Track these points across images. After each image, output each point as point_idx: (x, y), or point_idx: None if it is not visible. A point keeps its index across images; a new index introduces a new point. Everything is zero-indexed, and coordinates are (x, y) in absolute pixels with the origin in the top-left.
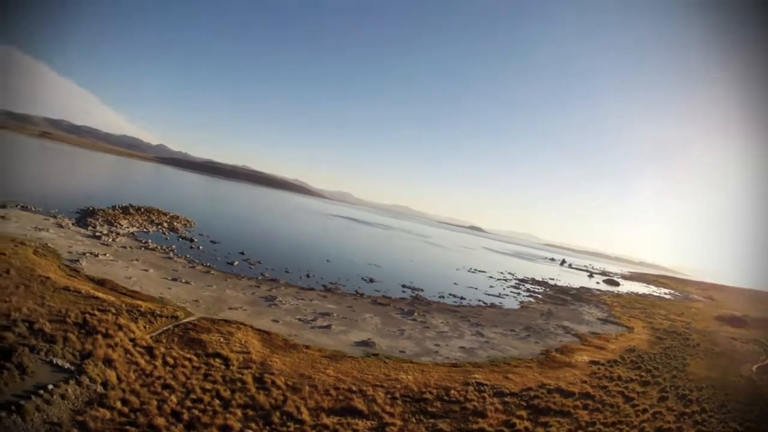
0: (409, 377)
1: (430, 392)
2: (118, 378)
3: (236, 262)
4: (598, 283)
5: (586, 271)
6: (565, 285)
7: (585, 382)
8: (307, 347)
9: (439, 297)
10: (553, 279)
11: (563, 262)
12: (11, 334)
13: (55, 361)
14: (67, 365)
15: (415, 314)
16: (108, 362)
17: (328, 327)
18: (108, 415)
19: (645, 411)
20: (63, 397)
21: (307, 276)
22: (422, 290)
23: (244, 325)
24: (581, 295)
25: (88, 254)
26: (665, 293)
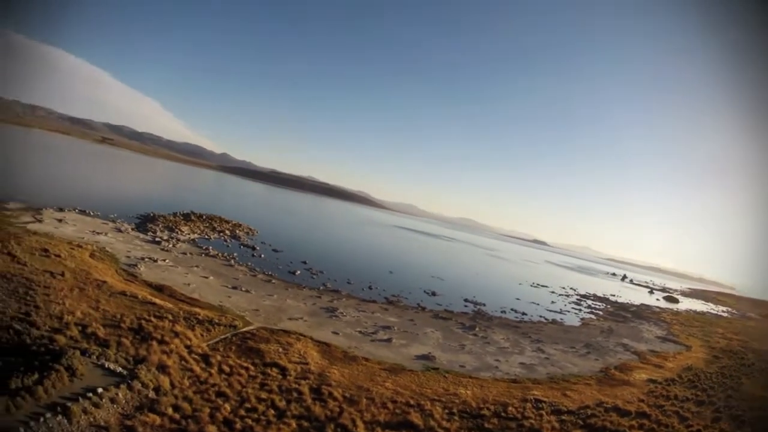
0: (467, 392)
1: (488, 408)
2: (172, 384)
3: (298, 272)
4: (658, 299)
5: (647, 287)
6: (625, 302)
7: (642, 400)
8: (367, 360)
9: (501, 312)
10: (614, 295)
11: (624, 277)
12: (63, 337)
13: (106, 365)
14: (119, 369)
15: (477, 329)
16: (162, 368)
17: (389, 340)
18: (158, 420)
19: None
20: (113, 401)
21: (369, 288)
22: (484, 305)
23: (304, 336)
24: (641, 312)
25: (146, 259)
26: (723, 311)
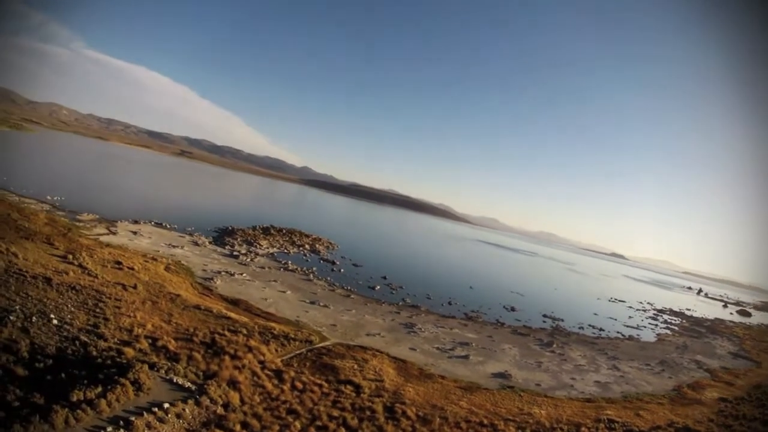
0: (542, 412)
1: (561, 428)
2: (242, 400)
3: (378, 287)
4: (731, 314)
5: (722, 300)
6: (700, 316)
7: (712, 420)
8: (443, 377)
9: (579, 328)
10: (689, 309)
11: (700, 291)
12: (131, 350)
13: (175, 380)
14: (188, 384)
15: (554, 346)
16: (232, 384)
17: (466, 357)
18: None
19: None
20: (179, 416)
21: (449, 303)
22: (562, 320)
23: (380, 352)
24: (715, 327)
25: (223, 273)
26: None
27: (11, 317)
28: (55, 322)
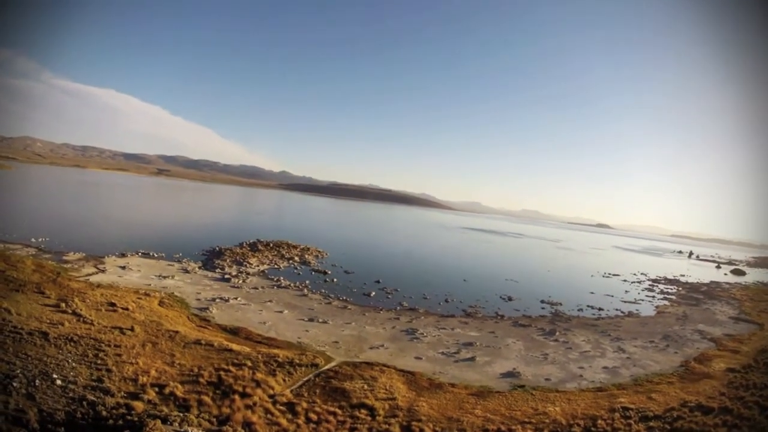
0: (556, 408)
1: (578, 424)
2: None
3: (373, 293)
4: (725, 274)
5: (714, 261)
6: (695, 281)
7: (723, 394)
8: (453, 385)
9: (578, 310)
10: (683, 275)
11: (691, 254)
12: (141, 403)
13: (190, 431)
14: None
15: (557, 333)
16: (247, 426)
17: (472, 359)
18: None
19: None
20: None
21: (446, 301)
22: (560, 304)
23: (387, 366)
24: (712, 291)
25: (218, 300)
26: None
27: (14, 383)
28: (59, 382)
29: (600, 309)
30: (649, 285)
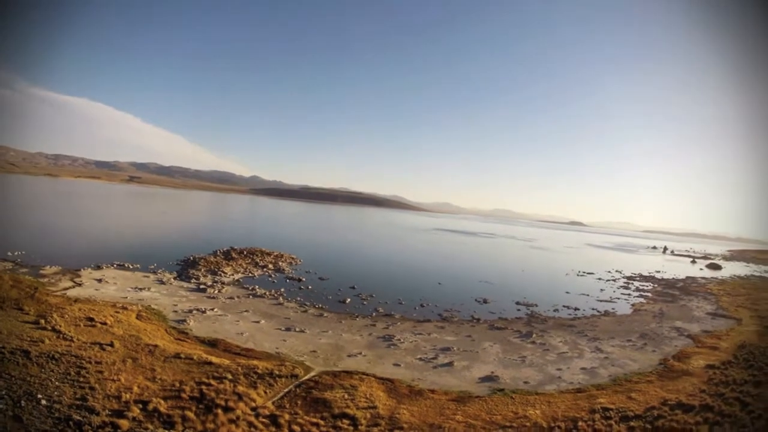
0: (536, 412)
1: (559, 427)
2: None
3: (348, 299)
4: (701, 269)
5: (689, 256)
6: (671, 277)
7: (704, 391)
8: (433, 391)
9: (554, 311)
10: (659, 271)
11: (665, 249)
12: (126, 421)
13: None
14: None
15: (534, 335)
16: None
17: (450, 364)
18: None
19: (759, 417)
20: None
21: (422, 306)
22: (536, 305)
23: (367, 374)
24: (688, 287)
25: (194, 311)
26: (766, 271)
27: (1, 405)
28: (44, 402)
29: (576, 309)
30: (625, 283)
